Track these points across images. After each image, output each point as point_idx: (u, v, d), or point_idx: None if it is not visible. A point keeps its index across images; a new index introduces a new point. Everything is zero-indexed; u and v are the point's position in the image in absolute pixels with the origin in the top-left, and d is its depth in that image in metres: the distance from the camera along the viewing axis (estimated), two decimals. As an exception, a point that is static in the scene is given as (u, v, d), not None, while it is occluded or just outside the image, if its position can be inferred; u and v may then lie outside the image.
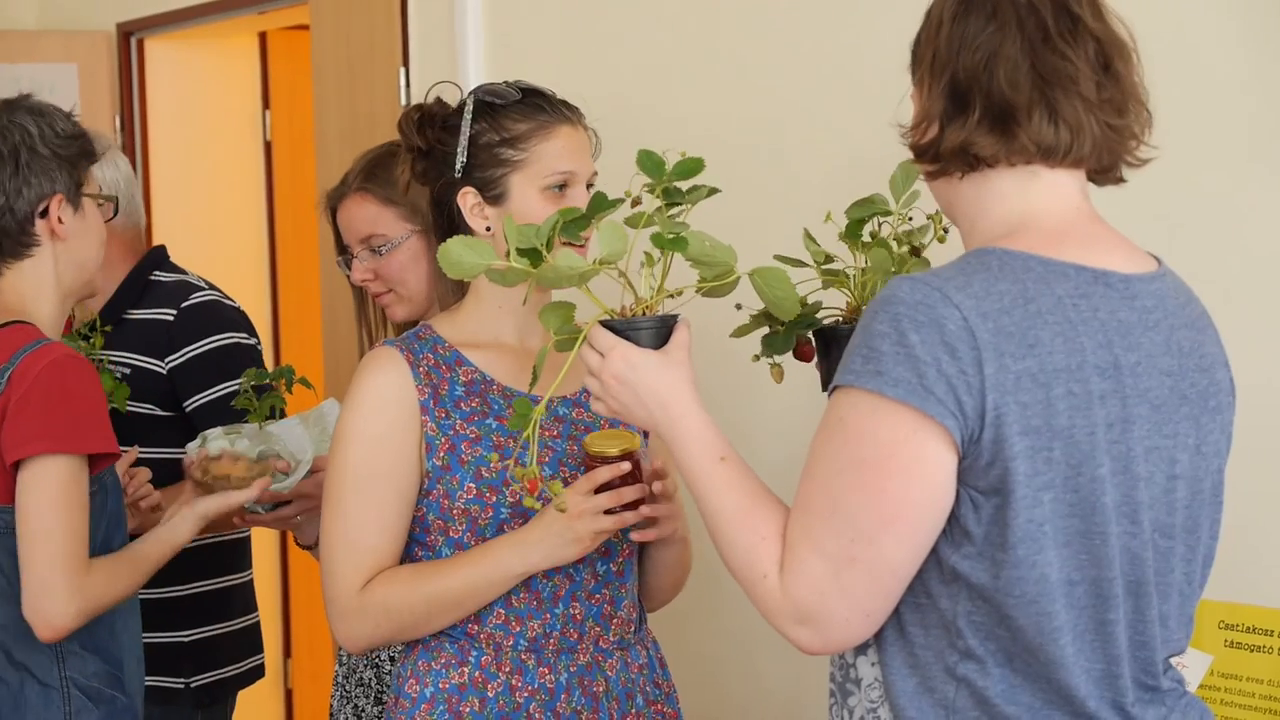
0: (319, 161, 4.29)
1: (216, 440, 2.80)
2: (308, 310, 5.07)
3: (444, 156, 2.36)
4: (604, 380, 1.93)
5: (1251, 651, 2.48)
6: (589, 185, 2.36)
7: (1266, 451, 2.50)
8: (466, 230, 2.35)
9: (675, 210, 1.99)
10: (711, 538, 1.84)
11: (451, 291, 2.66)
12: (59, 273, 2.66)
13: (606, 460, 2.21)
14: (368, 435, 2.30)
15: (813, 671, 3.07)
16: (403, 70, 4.01)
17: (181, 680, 3.25)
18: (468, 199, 2.35)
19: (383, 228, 2.81)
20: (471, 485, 2.29)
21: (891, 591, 1.74)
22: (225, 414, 3.11)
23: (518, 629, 2.31)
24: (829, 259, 2.26)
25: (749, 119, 3.22)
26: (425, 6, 3.97)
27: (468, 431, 2.31)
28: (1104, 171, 1.86)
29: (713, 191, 2.02)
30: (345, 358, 3.99)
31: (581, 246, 2.23)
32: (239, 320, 3.29)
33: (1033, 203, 1.80)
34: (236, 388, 3.11)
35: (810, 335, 2.25)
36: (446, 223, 2.38)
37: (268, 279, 5.42)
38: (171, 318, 3.22)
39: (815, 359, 2.24)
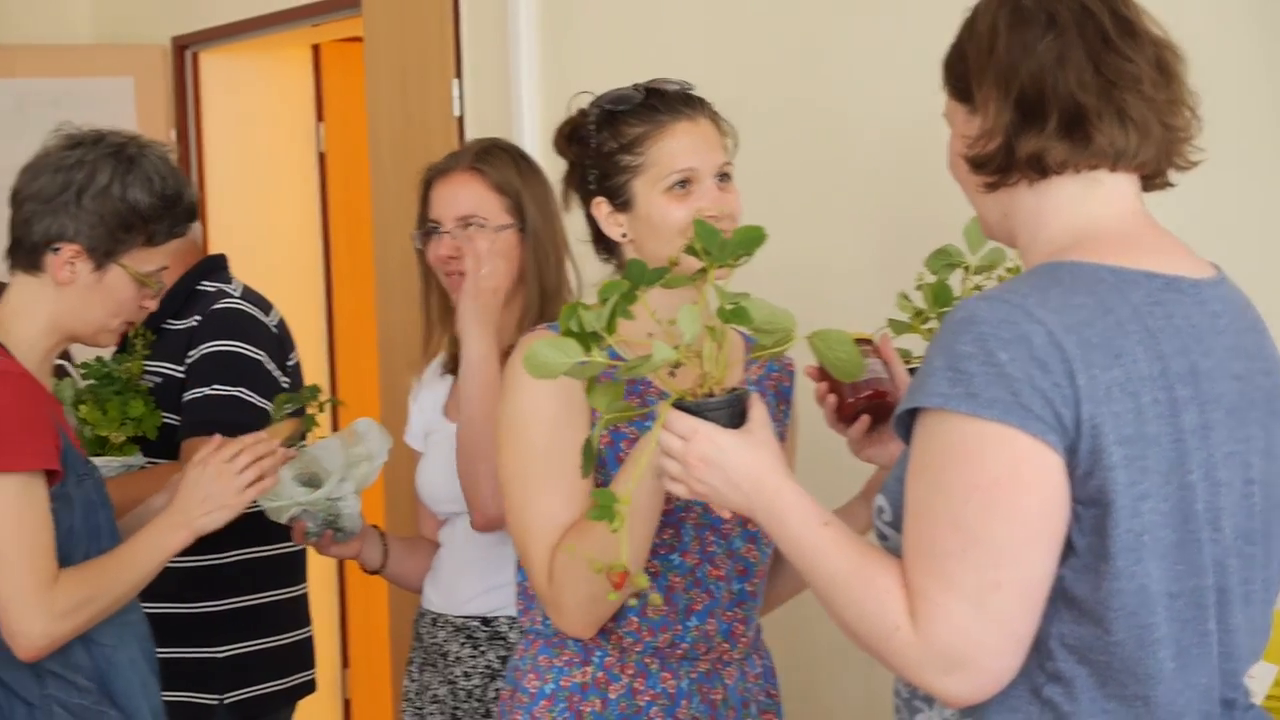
0: (373, 173, 4.30)
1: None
2: (362, 320, 5.08)
3: (582, 170, 2.36)
4: (690, 464, 1.86)
5: (1319, 661, 2.45)
6: (723, 176, 2.33)
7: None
8: (606, 240, 2.36)
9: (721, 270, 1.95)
10: (828, 606, 1.79)
11: (535, 306, 2.73)
12: (55, 308, 2.62)
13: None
14: (546, 414, 2.24)
15: (882, 683, 3.05)
16: (455, 81, 4.02)
17: (215, 696, 3.23)
18: (601, 209, 2.34)
19: (485, 212, 2.77)
20: None
21: (1038, 612, 1.69)
22: (201, 413, 3.12)
23: (649, 638, 2.30)
24: (925, 318, 2.31)
25: (808, 111, 3.20)
26: (478, 18, 3.98)
27: (627, 430, 2.28)
28: (1155, 176, 1.84)
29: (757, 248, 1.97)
30: (400, 368, 3.99)
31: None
32: (252, 332, 3.26)
33: (1094, 210, 1.79)
34: (222, 392, 3.12)
35: None
36: (595, 233, 2.38)
37: (322, 290, 5.44)
38: (197, 323, 3.23)
39: None
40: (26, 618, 2.46)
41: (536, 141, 3.62)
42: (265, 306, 3.34)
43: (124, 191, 2.60)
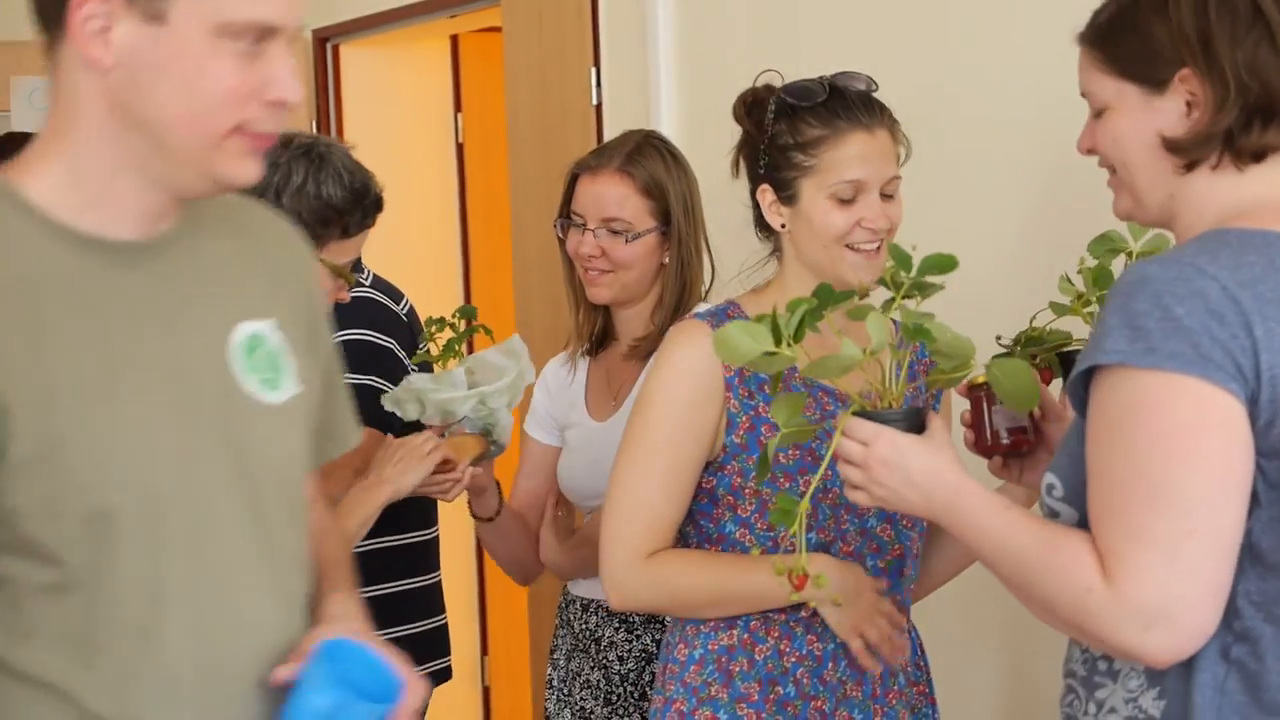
0: (511, 162, 4.32)
1: (425, 387, 2.86)
2: (500, 310, 5.10)
3: (753, 150, 2.42)
4: (871, 467, 1.90)
5: None
6: (886, 195, 2.37)
7: None
8: (765, 224, 2.44)
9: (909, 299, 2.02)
10: (1020, 589, 1.80)
11: (670, 301, 2.81)
12: None
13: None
14: (671, 401, 2.35)
15: (1021, 668, 3.02)
16: (594, 70, 4.02)
17: None
18: (766, 196, 2.41)
19: (630, 214, 2.81)
20: None
21: (1232, 561, 1.69)
22: None
23: (791, 610, 2.36)
24: (1087, 301, 2.31)
25: (946, 105, 3.17)
26: (616, 6, 3.97)
27: (770, 415, 2.31)
28: None
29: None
30: (538, 355, 4.00)
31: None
32: (381, 319, 3.26)
33: (1262, 187, 1.81)
34: (352, 380, 3.14)
35: (1053, 359, 2.32)
36: (757, 213, 2.45)
37: (460, 279, 5.48)
38: None
39: (1057, 380, 2.27)
40: None
41: (674, 130, 3.62)
42: (395, 295, 3.36)
43: (318, 189, 2.72)
